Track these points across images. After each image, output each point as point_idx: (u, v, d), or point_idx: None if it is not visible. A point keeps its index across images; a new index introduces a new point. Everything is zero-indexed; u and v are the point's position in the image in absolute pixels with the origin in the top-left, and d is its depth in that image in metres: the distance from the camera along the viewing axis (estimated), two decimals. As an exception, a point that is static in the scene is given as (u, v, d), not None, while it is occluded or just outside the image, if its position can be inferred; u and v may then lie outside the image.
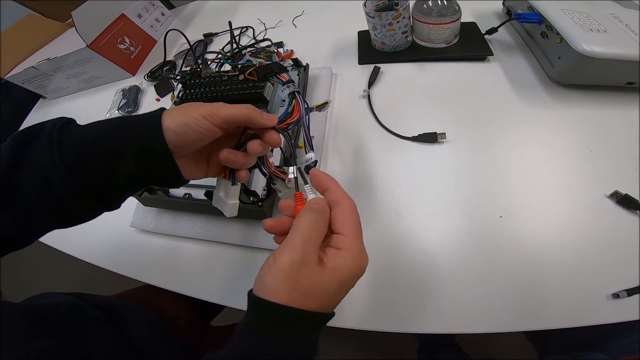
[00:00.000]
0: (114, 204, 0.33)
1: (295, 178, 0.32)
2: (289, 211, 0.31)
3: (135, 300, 0.53)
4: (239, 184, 0.36)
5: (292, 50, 0.69)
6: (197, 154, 0.34)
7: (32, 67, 0.78)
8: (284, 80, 0.43)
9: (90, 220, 0.32)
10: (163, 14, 0.94)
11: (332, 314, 0.28)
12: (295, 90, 0.41)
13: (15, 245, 0.30)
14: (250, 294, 0.27)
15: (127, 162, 0.29)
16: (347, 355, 1.05)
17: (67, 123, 0.30)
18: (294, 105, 0.40)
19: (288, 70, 0.49)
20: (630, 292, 0.36)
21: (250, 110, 0.31)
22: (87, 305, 0.41)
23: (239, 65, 0.55)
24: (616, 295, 0.36)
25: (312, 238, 0.27)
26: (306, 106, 0.41)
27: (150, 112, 0.31)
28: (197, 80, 0.56)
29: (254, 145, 0.33)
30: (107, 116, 0.74)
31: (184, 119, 0.30)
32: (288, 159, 0.44)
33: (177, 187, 0.35)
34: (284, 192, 0.40)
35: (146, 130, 0.29)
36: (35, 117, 0.90)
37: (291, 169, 0.34)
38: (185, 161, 0.33)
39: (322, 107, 0.44)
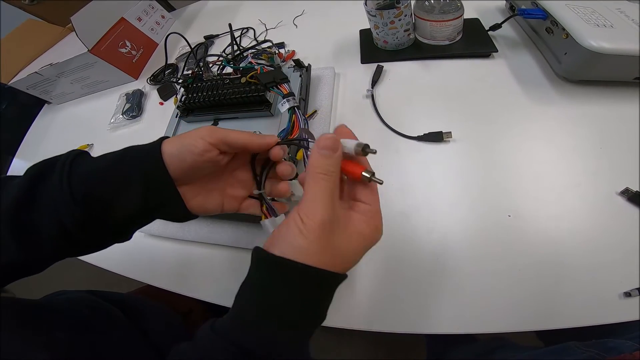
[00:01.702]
0: (123, 236, 0.33)
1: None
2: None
3: (148, 295, 0.54)
4: (282, 214, 0.35)
5: (293, 51, 0.69)
6: (208, 185, 0.34)
7: (36, 72, 0.78)
8: (285, 92, 0.43)
9: (101, 250, 0.32)
10: (163, 17, 0.94)
11: (346, 276, 0.28)
12: (295, 105, 0.41)
13: (28, 271, 0.31)
14: (270, 256, 0.25)
15: (133, 190, 0.29)
16: (355, 355, 1.05)
17: (78, 155, 0.30)
18: (294, 122, 0.40)
19: (289, 80, 0.49)
20: (642, 290, 0.35)
21: (247, 136, 0.31)
22: (102, 300, 0.42)
23: (241, 68, 0.54)
24: (628, 294, 0.36)
25: (335, 191, 0.27)
26: (304, 118, 0.41)
27: (152, 141, 0.31)
28: (199, 84, 0.55)
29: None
30: (112, 121, 0.74)
31: (180, 140, 0.30)
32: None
33: (185, 220, 0.34)
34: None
35: (148, 157, 0.30)
36: (41, 122, 0.91)
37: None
38: (192, 191, 0.33)
39: (312, 116, 0.44)
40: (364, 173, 0.27)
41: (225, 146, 0.31)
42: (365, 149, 0.28)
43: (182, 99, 0.55)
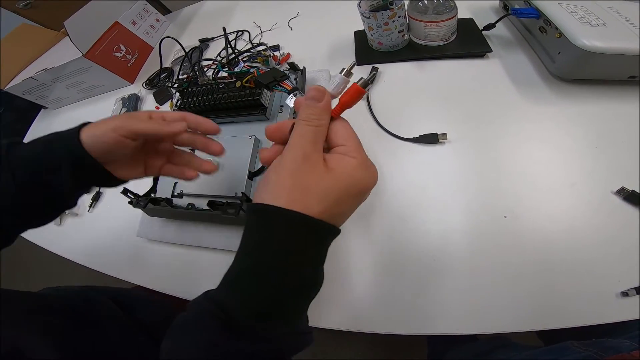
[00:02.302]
0: (70, 205, 0.37)
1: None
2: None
3: (147, 292, 0.54)
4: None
5: (288, 54, 0.69)
6: (134, 158, 0.37)
7: (31, 77, 0.78)
8: (289, 88, 0.43)
9: (55, 219, 0.37)
10: (158, 20, 0.93)
11: (338, 230, 0.27)
12: None
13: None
14: (249, 203, 0.27)
15: (65, 171, 0.32)
16: (355, 355, 1.05)
17: (12, 144, 0.34)
18: None
19: (289, 76, 0.48)
20: (640, 290, 0.35)
21: (156, 126, 0.33)
22: (96, 293, 0.43)
23: (235, 73, 0.54)
24: (625, 294, 0.36)
25: (316, 138, 0.27)
26: None
27: (74, 127, 0.33)
28: (195, 89, 0.55)
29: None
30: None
31: (94, 130, 0.32)
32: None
33: (116, 186, 0.38)
34: None
35: (72, 143, 0.32)
36: (39, 127, 0.91)
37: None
38: (116, 165, 0.35)
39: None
40: (357, 84, 0.28)
41: (136, 136, 0.33)
42: (350, 70, 0.29)
43: (178, 104, 0.55)
